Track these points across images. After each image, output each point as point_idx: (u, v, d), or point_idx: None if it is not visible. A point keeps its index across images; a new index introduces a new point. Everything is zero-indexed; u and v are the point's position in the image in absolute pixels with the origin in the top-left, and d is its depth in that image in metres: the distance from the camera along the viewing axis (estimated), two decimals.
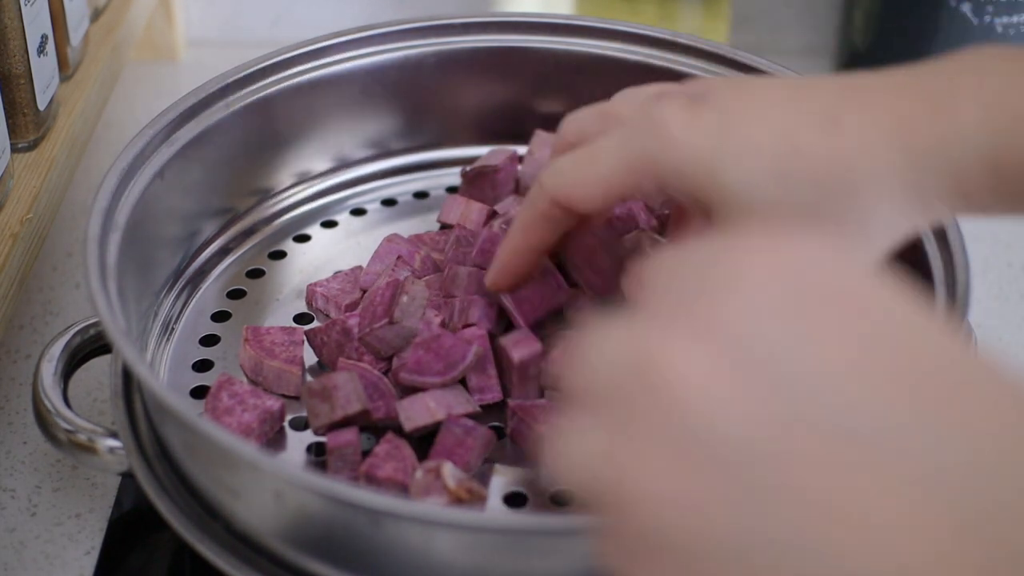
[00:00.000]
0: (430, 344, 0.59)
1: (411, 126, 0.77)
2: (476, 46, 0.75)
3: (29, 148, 0.70)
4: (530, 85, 0.76)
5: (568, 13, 0.96)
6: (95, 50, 0.80)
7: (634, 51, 0.73)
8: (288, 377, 0.62)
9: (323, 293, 0.66)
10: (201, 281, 0.69)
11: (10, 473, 0.65)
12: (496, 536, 0.49)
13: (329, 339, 0.62)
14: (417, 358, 0.59)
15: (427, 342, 0.59)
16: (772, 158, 0.50)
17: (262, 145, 0.72)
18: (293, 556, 0.52)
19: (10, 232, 0.64)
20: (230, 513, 0.53)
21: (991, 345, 0.74)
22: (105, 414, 0.67)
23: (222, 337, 0.66)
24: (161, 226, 0.66)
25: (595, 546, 0.33)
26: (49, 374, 0.59)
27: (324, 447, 0.57)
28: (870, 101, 0.50)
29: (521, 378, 0.59)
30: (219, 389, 0.59)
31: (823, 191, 0.50)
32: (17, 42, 0.68)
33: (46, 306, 0.76)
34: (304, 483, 0.49)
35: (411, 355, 0.59)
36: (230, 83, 0.69)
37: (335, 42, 0.72)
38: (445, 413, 0.57)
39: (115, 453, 0.57)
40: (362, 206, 0.76)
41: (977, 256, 0.63)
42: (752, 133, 0.50)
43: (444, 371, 0.58)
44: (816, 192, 0.50)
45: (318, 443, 0.59)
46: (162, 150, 0.65)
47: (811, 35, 0.99)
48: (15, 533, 0.62)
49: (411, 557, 0.50)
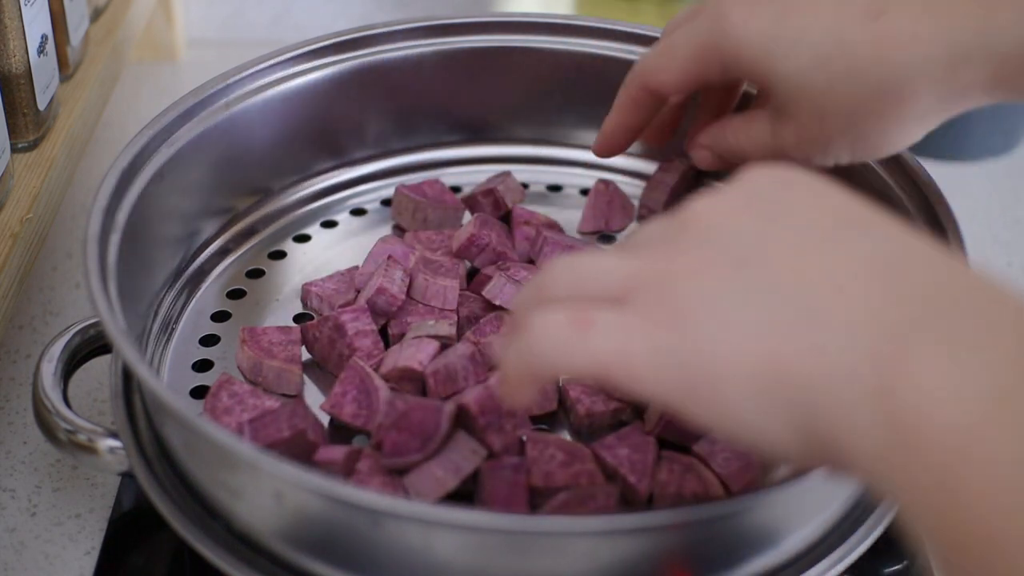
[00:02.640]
0: (400, 423, 0.56)
1: (411, 126, 0.77)
2: (476, 46, 0.75)
3: (29, 148, 0.70)
4: (530, 85, 0.76)
5: (568, 13, 0.96)
6: (95, 50, 0.80)
7: (634, 51, 0.73)
8: (288, 376, 0.62)
9: (318, 293, 0.67)
10: (201, 281, 0.69)
11: (10, 473, 0.65)
12: (496, 536, 0.49)
13: (321, 335, 0.62)
14: (392, 440, 0.55)
15: (396, 422, 0.56)
16: (819, 49, 0.55)
17: (262, 145, 0.72)
18: (293, 556, 0.52)
19: (10, 232, 0.64)
20: (230, 513, 0.53)
21: None
22: (105, 414, 0.67)
23: (222, 337, 0.66)
24: (161, 226, 0.66)
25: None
26: (49, 374, 0.59)
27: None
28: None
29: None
30: (219, 389, 0.59)
31: (865, 82, 0.54)
32: (17, 42, 0.68)
33: (46, 306, 0.76)
34: (304, 483, 0.49)
35: (385, 440, 0.56)
36: (230, 83, 0.69)
37: (335, 42, 0.72)
38: (456, 479, 0.55)
39: (115, 453, 0.57)
40: (362, 206, 0.76)
41: (977, 256, 0.63)
42: (803, 24, 0.55)
43: (422, 446, 0.55)
44: (858, 83, 0.54)
45: None
46: (162, 150, 0.65)
47: None
48: (15, 533, 0.62)
49: (411, 557, 0.50)
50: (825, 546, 0.55)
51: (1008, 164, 0.90)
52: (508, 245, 0.69)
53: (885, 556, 0.60)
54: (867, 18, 0.54)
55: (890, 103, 0.55)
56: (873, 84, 0.54)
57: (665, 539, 0.50)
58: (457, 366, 0.59)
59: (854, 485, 0.55)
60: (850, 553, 0.55)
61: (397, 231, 0.73)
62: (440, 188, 0.74)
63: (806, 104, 0.57)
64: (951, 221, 0.61)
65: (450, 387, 0.59)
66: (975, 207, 0.86)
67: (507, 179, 0.74)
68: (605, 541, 0.50)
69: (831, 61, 0.55)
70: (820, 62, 0.55)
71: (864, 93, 0.55)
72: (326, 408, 0.59)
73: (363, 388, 0.59)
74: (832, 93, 0.55)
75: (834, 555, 0.54)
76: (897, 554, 0.61)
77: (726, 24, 0.57)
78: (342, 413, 0.59)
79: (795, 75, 0.56)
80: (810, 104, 0.56)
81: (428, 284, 0.64)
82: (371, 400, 0.58)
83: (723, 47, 0.58)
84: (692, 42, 0.59)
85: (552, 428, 0.61)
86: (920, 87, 0.54)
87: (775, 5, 0.56)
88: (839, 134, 0.57)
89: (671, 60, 0.61)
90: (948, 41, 0.53)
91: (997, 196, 0.88)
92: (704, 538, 0.51)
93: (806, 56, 0.55)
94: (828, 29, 0.55)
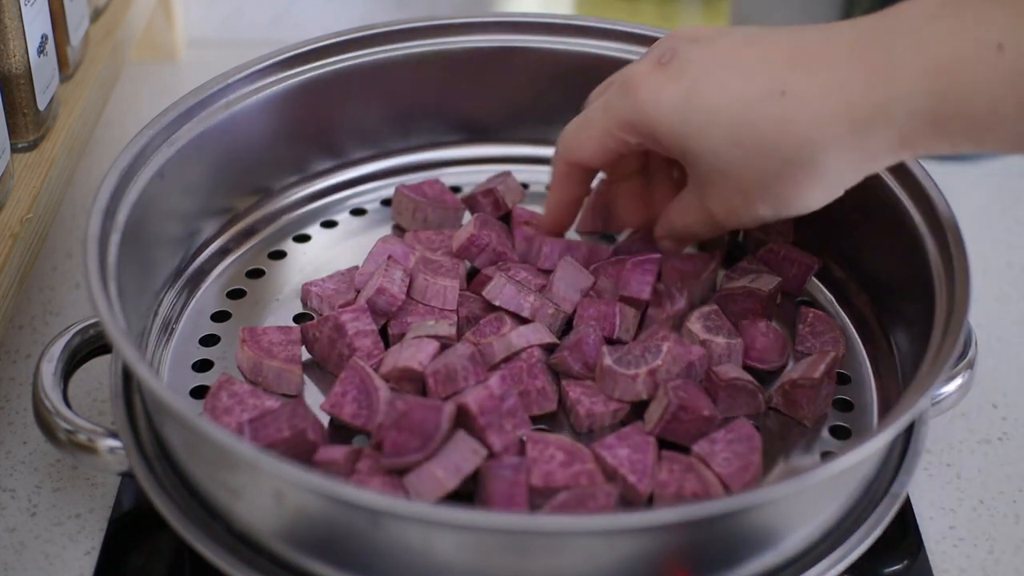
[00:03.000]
0: (400, 423, 0.55)
1: (411, 126, 0.77)
2: (476, 46, 0.75)
3: (29, 148, 0.70)
4: (530, 85, 0.76)
5: (568, 13, 0.96)
6: (95, 50, 0.80)
7: (634, 51, 0.73)
8: (288, 376, 0.62)
9: (318, 292, 0.67)
10: (201, 281, 0.69)
11: (10, 473, 0.65)
12: (496, 536, 0.49)
13: (321, 335, 0.62)
14: (392, 440, 0.55)
15: (396, 422, 0.55)
16: (729, 130, 0.57)
17: (262, 145, 0.72)
18: (293, 556, 0.52)
19: (10, 232, 0.64)
20: (230, 513, 0.53)
21: (991, 345, 0.74)
22: (105, 414, 0.67)
23: (222, 337, 0.66)
24: (161, 226, 0.66)
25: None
26: (49, 374, 0.59)
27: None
28: (816, 70, 0.55)
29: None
30: (219, 389, 0.59)
31: (776, 158, 0.56)
32: (17, 42, 0.68)
33: (46, 306, 0.76)
34: (304, 483, 0.49)
35: (385, 439, 0.55)
36: (230, 83, 0.69)
37: (335, 42, 0.72)
38: (456, 479, 0.55)
39: (115, 453, 0.57)
40: (362, 206, 0.76)
41: (977, 256, 0.63)
42: (712, 105, 0.57)
43: (423, 446, 0.55)
44: (770, 160, 0.56)
45: None
46: (162, 150, 0.65)
47: None
48: (15, 533, 0.62)
49: (411, 557, 0.50)
50: (825, 546, 0.55)
51: (1008, 164, 0.90)
52: (508, 245, 0.69)
53: (885, 556, 0.60)
54: (770, 97, 0.55)
55: (802, 174, 0.56)
56: (783, 158, 0.56)
57: (665, 539, 0.50)
58: (457, 366, 0.59)
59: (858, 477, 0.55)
60: (850, 553, 0.55)
61: (397, 231, 0.73)
62: (440, 188, 0.74)
63: (725, 178, 0.58)
64: (951, 221, 0.62)
65: (450, 387, 0.59)
66: (975, 207, 0.86)
67: (507, 179, 0.74)
68: (605, 541, 0.50)
69: (742, 140, 0.56)
70: (732, 141, 0.57)
71: (776, 167, 0.56)
72: (326, 408, 0.59)
73: (363, 388, 0.59)
74: (747, 168, 0.57)
75: (834, 555, 0.54)
76: (897, 554, 0.61)
77: (636, 101, 0.59)
78: (342, 413, 0.59)
79: (710, 154, 0.58)
80: (728, 178, 0.58)
81: (428, 284, 0.64)
82: (371, 400, 0.58)
83: (636, 123, 0.60)
84: (606, 117, 0.61)
85: (552, 429, 0.61)
86: (828, 158, 0.55)
87: (684, 81, 0.58)
88: (760, 201, 0.58)
89: (588, 135, 0.63)
90: (848, 118, 0.54)
91: (997, 196, 0.88)
92: (704, 538, 0.51)
93: (718, 136, 0.57)
94: (736, 110, 0.56)
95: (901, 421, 0.52)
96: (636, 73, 0.59)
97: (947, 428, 0.68)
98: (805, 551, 0.54)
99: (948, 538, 0.63)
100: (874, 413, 0.63)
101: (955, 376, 0.62)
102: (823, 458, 0.61)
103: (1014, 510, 0.64)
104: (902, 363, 0.63)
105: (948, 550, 0.62)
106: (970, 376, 0.62)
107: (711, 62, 0.58)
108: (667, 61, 0.58)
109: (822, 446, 0.61)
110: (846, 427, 0.62)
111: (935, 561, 0.61)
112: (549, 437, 0.58)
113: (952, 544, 0.63)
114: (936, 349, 0.57)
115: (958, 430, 0.69)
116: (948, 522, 0.64)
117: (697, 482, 0.56)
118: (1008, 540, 0.63)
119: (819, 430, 0.62)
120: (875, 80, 0.54)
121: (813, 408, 0.61)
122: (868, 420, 0.63)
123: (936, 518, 0.64)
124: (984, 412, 0.70)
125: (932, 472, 0.66)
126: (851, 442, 0.62)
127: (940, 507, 0.64)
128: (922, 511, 0.64)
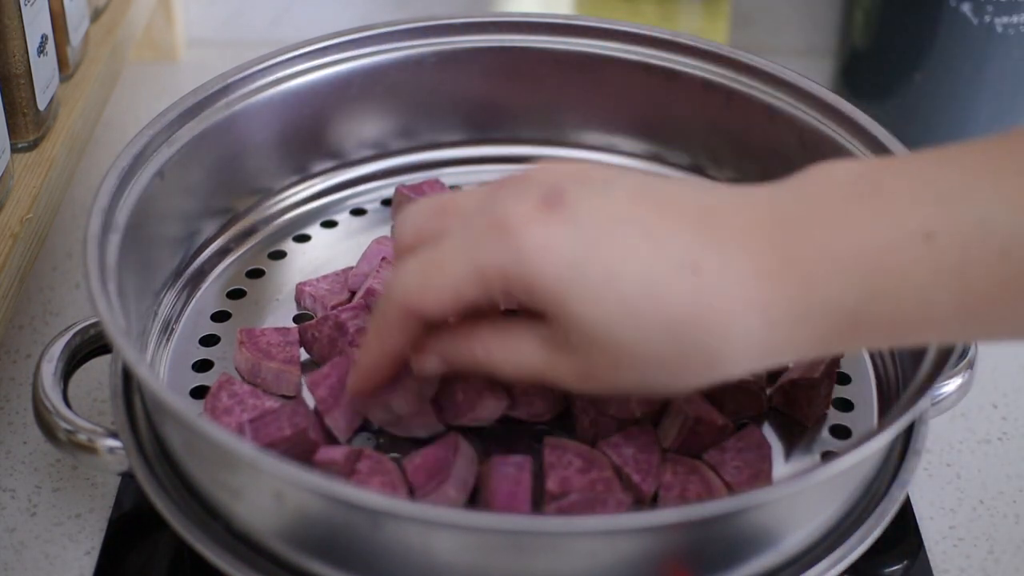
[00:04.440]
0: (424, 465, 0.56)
1: (411, 126, 0.77)
2: (476, 46, 0.75)
3: (29, 148, 0.70)
4: (530, 85, 0.76)
5: (568, 13, 0.96)
6: (95, 50, 0.80)
7: (634, 51, 0.73)
8: (287, 377, 0.62)
9: (311, 292, 0.67)
10: (201, 281, 0.69)
11: (10, 473, 0.65)
12: (496, 536, 0.49)
13: (321, 334, 0.62)
14: (419, 480, 0.56)
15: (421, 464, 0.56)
16: (629, 299, 0.48)
17: (262, 145, 0.72)
18: (293, 556, 0.52)
19: (10, 232, 0.64)
20: (230, 513, 0.53)
21: (991, 346, 0.74)
22: (105, 414, 0.67)
23: (222, 337, 0.66)
24: (161, 226, 0.66)
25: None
26: (49, 374, 0.59)
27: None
28: (729, 249, 0.48)
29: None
30: (219, 389, 0.59)
31: (681, 341, 0.48)
32: (17, 42, 0.68)
33: (46, 306, 0.76)
34: (304, 483, 0.49)
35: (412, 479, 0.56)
36: (230, 83, 0.69)
37: (335, 42, 0.72)
38: (465, 494, 0.55)
39: (115, 453, 0.57)
40: (362, 206, 0.76)
41: None
42: (612, 268, 0.48)
43: (440, 474, 0.56)
44: (672, 340, 0.48)
45: None
46: (162, 150, 0.65)
47: (811, 35, 0.99)
48: (15, 533, 0.62)
49: (411, 557, 0.50)
50: (825, 546, 0.55)
51: None
52: None
53: (885, 556, 0.60)
54: (680, 273, 0.48)
55: (703, 358, 0.49)
56: (690, 341, 0.48)
57: (665, 539, 0.50)
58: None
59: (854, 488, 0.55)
60: (850, 553, 0.55)
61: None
62: (440, 188, 0.74)
63: (604, 350, 0.49)
64: None
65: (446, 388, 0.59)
66: None
67: None
68: (605, 541, 0.50)
69: (642, 314, 0.48)
70: (630, 312, 0.48)
71: (675, 348, 0.48)
72: (307, 381, 0.59)
73: (342, 379, 0.59)
74: (640, 346, 0.48)
75: (834, 555, 0.54)
76: (897, 554, 0.61)
77: (518, 248, 0.48)
78: (315, 392, 0.59)
79: (599, 322, 0.48)
80: (609, 352, 0.49)
81: None
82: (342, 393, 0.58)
83: (512, 275, 0.49)
84: (470, 262, 0.50)
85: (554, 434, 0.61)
86: (736, 349, 0.48)
87: (580, 235, 0.48)
88: (631, 382, 0.50)
89: (441, 283, 0.50)
90: (764, 315, 0.48)
91: None
92: (704, 538, 0.51)
93: (614, 303, 0.48)
94: (641, 278, 0.48)
95: (901, 421, 0.52)
96: (514, 214, 0.49)
97: (947, 428, 0.69)
98: (805, 551, 0.54)
99: (948, 538, 0.63)
100: (874, 413, 0.63)
101: (955, 376, 0.62)
102: (823, 458, 0.61)
103: (1014, 510, 0.64)
104: (902, 363, 0.63)
105: (948, 550, 0.62)
106: (970, 376, 0.62)
107: (611, 216, 0.49)
108: (554, 204, 0.49)
109: (822, 446, 0.61)
110: (846, 427, 0.62)
111: (935, 561, 0.61)
112: (567, 443, 0.58)
113: (952, 544, 0.63)
114: (936, 349, 0.57)
115: (958, 430, 0.69)
116: (948, 522, 0.64)
117: (701, 485, 0.56)
118: (1008, 540, 0.63)
119: (819, 430, 0.62)
120: (790, 274, 0.47)
121: (813, 408, 0.61)
122: (868, 420, 0.63)
123: (936, 518, 0.64)
124: (984, 412, 0.70)
125: (932, 472, 0.66)
126: (851, 442, 0.62)
127: (940, 507, 0.64)
128: (922, 511, 0.64)
